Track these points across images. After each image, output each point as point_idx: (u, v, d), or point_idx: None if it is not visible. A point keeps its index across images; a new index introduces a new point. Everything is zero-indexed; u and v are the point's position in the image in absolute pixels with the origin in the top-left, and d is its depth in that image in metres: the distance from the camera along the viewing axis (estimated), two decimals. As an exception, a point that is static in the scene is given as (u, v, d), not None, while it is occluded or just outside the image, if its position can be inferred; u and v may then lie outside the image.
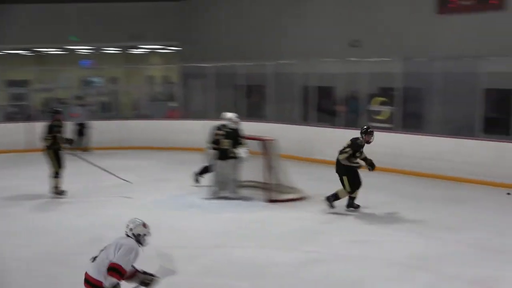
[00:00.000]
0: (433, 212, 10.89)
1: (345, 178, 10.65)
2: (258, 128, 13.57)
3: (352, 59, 15.99)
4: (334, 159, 10.75)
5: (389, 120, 15.46)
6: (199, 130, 12.42)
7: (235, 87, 18.93)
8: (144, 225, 5.70)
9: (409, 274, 7.60)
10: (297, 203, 11.47)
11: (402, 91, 15.09)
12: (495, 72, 13.53)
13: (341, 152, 10.63)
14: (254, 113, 18.34)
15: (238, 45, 20.46)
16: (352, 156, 10.58)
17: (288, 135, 14.89)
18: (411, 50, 15.77)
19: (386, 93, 15.81)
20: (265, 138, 11.81)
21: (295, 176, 12.30)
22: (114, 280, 5.47)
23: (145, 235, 5.67)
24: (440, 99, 14.35)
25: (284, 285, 7.26)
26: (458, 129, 14.21)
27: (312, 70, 16.84)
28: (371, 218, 10.44)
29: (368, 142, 10.66)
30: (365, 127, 10.86)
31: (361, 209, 10.75)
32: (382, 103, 15.74)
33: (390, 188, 12.91)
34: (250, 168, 11.58)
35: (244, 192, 11.82)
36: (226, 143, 11.49)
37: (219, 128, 11.60)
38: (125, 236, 5.66)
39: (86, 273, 5.60)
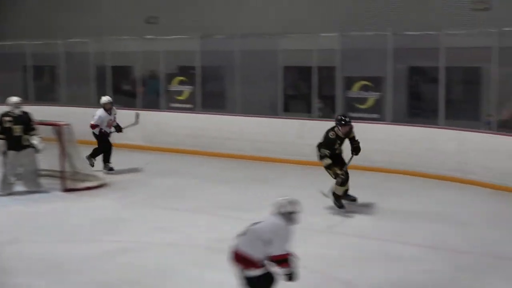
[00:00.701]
0: (237, 193, 11.29)
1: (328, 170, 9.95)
2: (50, 112, 13.30)
3: (149, 36, 16.05)
4: (134, 143, 10.75)
5: (189, 100, 15.73)
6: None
7: (21, 68, 18.26)
8: (293, 202, 5.81)
9: (215, 258, 7.57)
10: (96, 191, 11.42)
11: (201, 70, 15.43)
12: (293, 50, 14.24)
13: (318, 148, 9.85)
14: (44, 96, 17.84)
15: (23, 21, 19.71)
16: (329, 149, 9.72)
17: (84, 118, 14.61)
18: (210, 27, 16.08)
19: (185, 72, 16.06)
20: (58, 123, 11.60)
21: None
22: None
23: (295, 212, 5.78)
24: (240, 78, 14.84)
25: (84, 279, 7.17)
26: (260, 108, 14.79)
27: (107, 49, 16.67)
28: (173, 203, 10.61)
29: (345, 134, 9.75)
30: (339, 116, 9.94)
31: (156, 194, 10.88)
32: (182, 83, 15.98)
33: (191, 171, 13.22)
34: (44, 156, 11.28)
35: (39, 182, 11.47)
36: (17, 130, 11.05)
37: (5, 114, 11.13)
38: (276, 215, 5.75)
39: (236, 250, 5.67)
